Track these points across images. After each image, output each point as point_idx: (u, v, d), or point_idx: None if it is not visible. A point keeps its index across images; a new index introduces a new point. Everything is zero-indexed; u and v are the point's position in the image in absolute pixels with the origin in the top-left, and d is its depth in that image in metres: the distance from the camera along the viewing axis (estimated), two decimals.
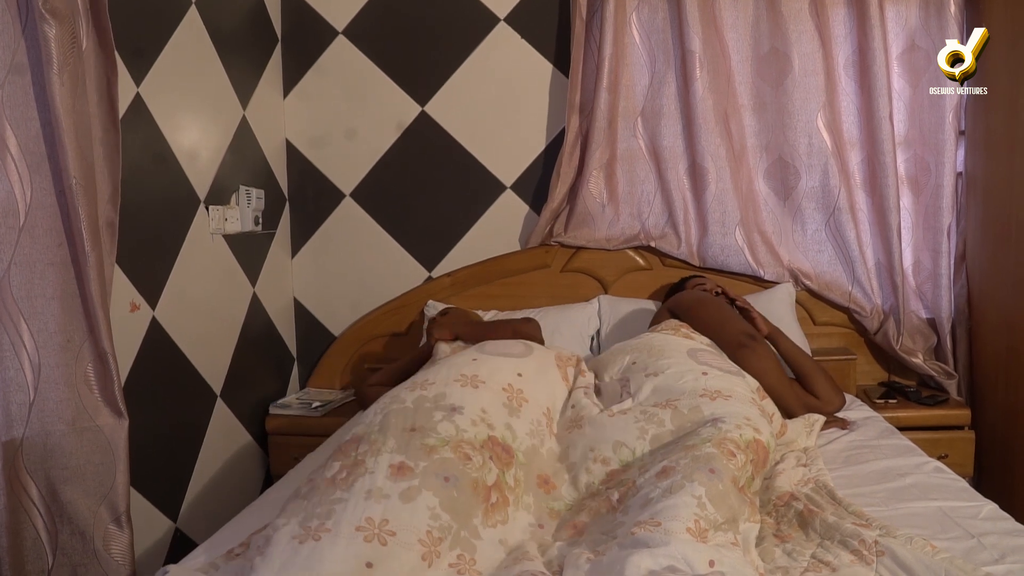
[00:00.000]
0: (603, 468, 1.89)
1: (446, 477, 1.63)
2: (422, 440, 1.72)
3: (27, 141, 1.94)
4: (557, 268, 3.34)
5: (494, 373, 2.05)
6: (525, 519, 1.76)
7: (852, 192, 3.14)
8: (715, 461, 1.69)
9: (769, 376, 2.36)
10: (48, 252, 1.98)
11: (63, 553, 2.05)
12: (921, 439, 2.49)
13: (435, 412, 1.84)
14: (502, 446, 1.82)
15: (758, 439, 1.84)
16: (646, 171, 3.27)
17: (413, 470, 1.62)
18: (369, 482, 1.58)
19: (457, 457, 1.70)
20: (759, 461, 1.81)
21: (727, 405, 1.96)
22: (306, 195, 3.51)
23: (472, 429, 1.80)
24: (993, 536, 1.62)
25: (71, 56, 1.94)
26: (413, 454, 1.67)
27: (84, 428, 2.05)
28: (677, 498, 1.56)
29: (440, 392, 1.92)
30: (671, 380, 2.11)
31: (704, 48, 3.10)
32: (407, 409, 1.85)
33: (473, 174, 3.41)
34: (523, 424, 1.94)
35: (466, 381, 1.98)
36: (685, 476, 1.64)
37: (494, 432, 1.84)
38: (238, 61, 3.06)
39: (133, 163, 2.41)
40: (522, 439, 1.90)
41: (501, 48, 3.35)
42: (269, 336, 3.35)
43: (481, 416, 1.86)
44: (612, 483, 1.84)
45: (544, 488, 1.86)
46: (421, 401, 1.88)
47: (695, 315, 2.61)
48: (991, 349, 2.98)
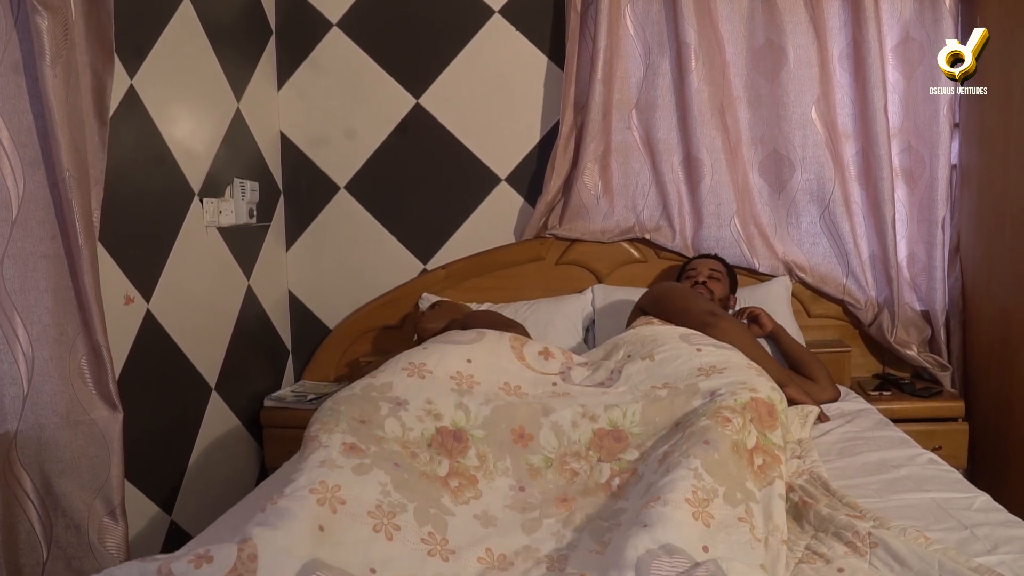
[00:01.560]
0: (590, 425, 1.85)
1: (396, 464, 1.66)
2: (371, 431, 1.75)
3: (19, 133, 1.93)
4: (552, 261, 3.34)
5: (442, 360, 2.01)
6: (504, 483, 1.76)
7: (847, 184, 3.14)
8: (709, 432, 1.67)
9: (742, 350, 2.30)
10: (41, 245, 1.98)
11: (58, 546, 2.05)
12: (915, 431, 2.49)
13: (381, 404, 1.85)
14: (453, 434, 1.80)
15: (755, 397, 1.81)
16: (641, 163, 3.27)
17: (364, 452, 1.66)
18: (324, 454, 1.62)
19: (405, 453, 1.73)
20: (761, 416, 1.78)
21: (722, 378, 1.93)
22: (300, 188, 3.50)
23: (418, 426, 1.82)
24: (986, 527, 1.63)
25: (64, 48, 1.93)
26: (364, 439, 1.71)
27: (78, 421, 2.05)
28: (675, 473, 1.55)
29: (387, 381, 1.92)
30: (666, 364, 2.07)
31: (699, 40, 3.10)
32: (355, 396, 1.86)
33: (468, 167, 3.40)
34: (476, 399, 1.91)
35: (413, 370, 1.96)
36: (682, 453, 1.63)
37: (442, 422, 1.82)
38: (232, 53, 3.05)
39: (127, 156, 2.40)
40: (477, 411, 1.86)
41: (496, 40, 3.34)
42: (264, 329, 3.35)
43: (427, 409, 1.84)
44: (606, 456, 1.80)
45: (520, 443, 1.83)
46: (368, 389, 1.89)
47: (662, 307, 2.60)
48: (985, 341, 2.99)
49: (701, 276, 2.85)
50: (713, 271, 2.89)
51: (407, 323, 3.38)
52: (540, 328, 3.00)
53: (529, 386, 2.06)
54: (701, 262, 2.96)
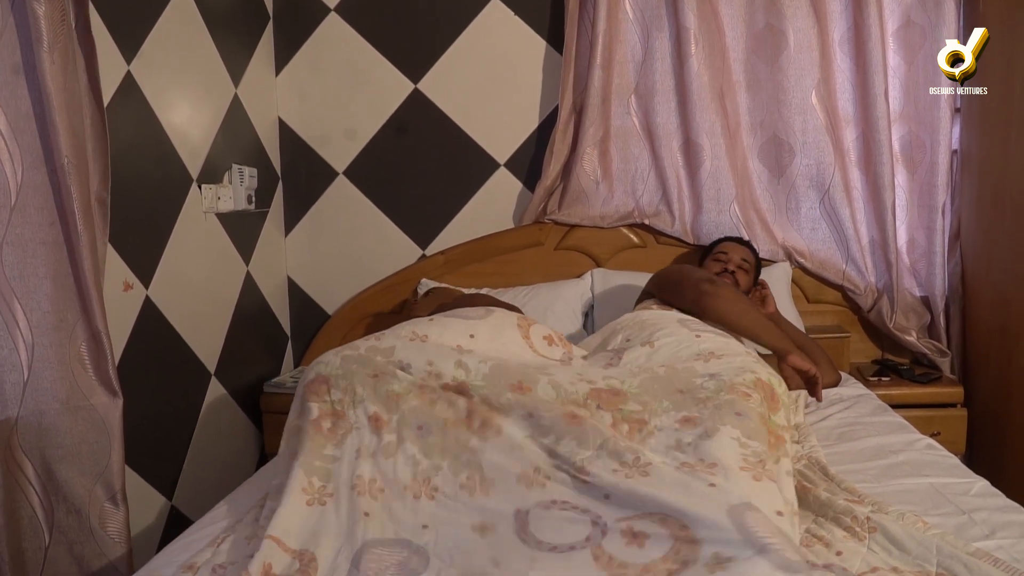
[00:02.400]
0: (587, 386, 1.82)
1: (419, 426, 1.72)
2: (387, 387, 1.78)
3: (17, 119, 1.93)
4: (551, 246, 3.34)
5: (444, 332, 2.00)
6: (515, 414, 1.73)
7: (847, 170, 3.13)
8: (737, 404, 1.69)
9: (742, 318, 2.27)
10: (40, 231, 1.97)
11: (59, 531, 2.06)
12: (914, 416, 2.50)
13: (387, 366, 1.85)
14: (455, 388, 1.79)
15: (758, 378, 1.83)
16: (640, 148, 3.27)
17: (388, 423, 1.73)
18: (356, 439, 1.72)
19: (423, 403, 1.76)
20: (768, 397, 1.79)
21: (720, 363, 1.92)
22: (299, 173, 3.49)
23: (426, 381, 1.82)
24: (984, 512, 1.63)
25: (61, 34, 1.92)
26: (383, 403, 1.76)
27: (78, 407, 2.06)
28: (718, 440, 1.58)
29: (390, 345, 1.90)
30: (665, 349, 2.05)
31: (698, 24, 3.09)
32: (361, 356, 1.86)
33: (466, 152, 3.39)
34: (474, 357, 1.88)
35: (415, 337, 1.95)
36: (717, 422, 1.64)
37: (443, 380, 1.81)
38: (229, 39, 3.04)
39: (125, 142, 2.39)
40: (476, 368, 1.83)
41: (494, 25, 3.32)
42: (263, 314, 3.35)
43: (428, 370, 1.83)
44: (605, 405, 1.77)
45: (519, 391, 1.81)
46: (372, 352, 1.88)
47: (662, 285, 2.57)
48: (984, 327, 2.99)
49: (732, 264, 2.77)
50: (744, 260, 2.81)
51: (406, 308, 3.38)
52: (539, 313, 3.00)
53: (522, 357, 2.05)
54: (733, 247, 2.87)
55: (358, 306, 3.45)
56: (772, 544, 1.25)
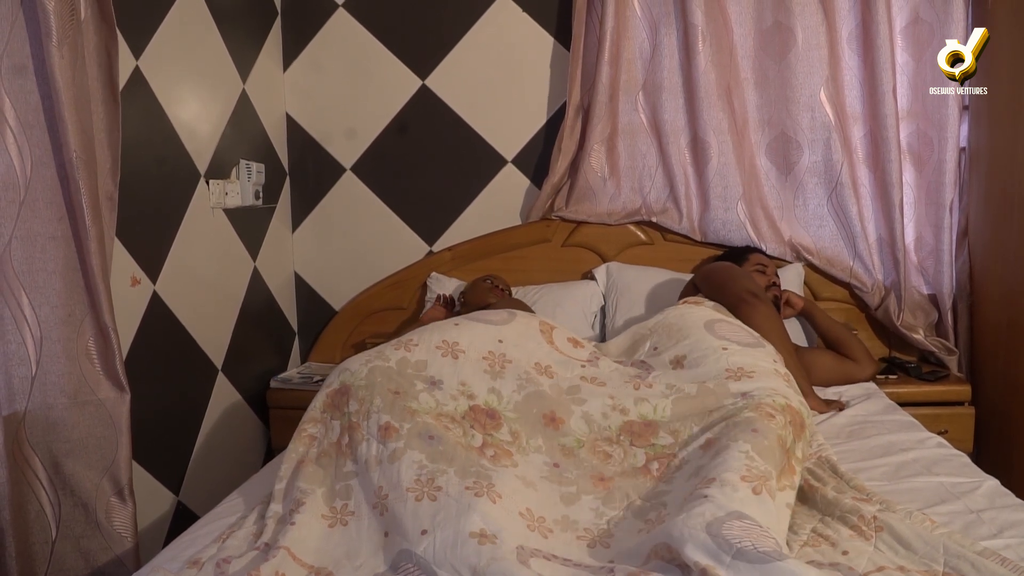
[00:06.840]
0: (620, 417, 1.90)
1: (430, 436, 1.73)
2: (405, 403, 1.82)
3: (26, 114, 1.93)
4: (558, 243, 3.33)
5: (474, 340, 2.06)
6: (538, 459, 1.80)
7: (854, 167, 3.12)
8: (756, 423, 1.72)
9: (769, 337, 2.32)
10: (49, 226, 1.98)
11: (66, 525, 2.07)
12: (922, 414, 2.50)
13: (416, 381, 1.90)
14: (486, 412, 1.85)
15: (789, 404, 1.85)
16: (647, 145, 3.26)
17: (398, 431, 1.74)
18: (365, 450, 1.74)
19: (438, 424, 1.78)
20: (797, 423, 1.80)
21: (752, 383, 1.94)
22: (307, 169, 3.50)
23: (452, 403, 1.88)
24: (992, 511, 1.63)
25: (70, 28, 1.92)
26: (398, 415, 1.78)
27: (86, 402, 2.06)
28: (726, 454, 1.60)
29: (422, 359, 1.96)
30: (694, 366, 2.07)
31: (706, 21, 3.07)
32: (390, 369, 1.92)
33: (474, 148, 3.39)
34: (509, 383, 1.96)
35: (447, 350, 2.00)
36: (730, 439, 1.67)
37: (475, 401, 1.88)
38: (237, 34, 3.04)
39: (133, 137, 2.40)
40: (509, 397, 1.92)
41: (502, 21, 3.32)
42: (270, 310, 3.35)
43: (460, 389, 1.90)
44: (637, 441, 1.84)
45: (552, 426, 1.88)
46: (404, 365, 1.93)
47: (707, 282, 2.66)
48: (992, 325, 2.98)
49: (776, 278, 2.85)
50: (776, 275, 2.89)
51: (413, 304, 3.39)
52: (549, 311, 3.00)
53: (559, 367, 2.10)
54: (767, 260, 2.93)
55: (365, 302, 3.45)
56: (745, 546, 1.28)
